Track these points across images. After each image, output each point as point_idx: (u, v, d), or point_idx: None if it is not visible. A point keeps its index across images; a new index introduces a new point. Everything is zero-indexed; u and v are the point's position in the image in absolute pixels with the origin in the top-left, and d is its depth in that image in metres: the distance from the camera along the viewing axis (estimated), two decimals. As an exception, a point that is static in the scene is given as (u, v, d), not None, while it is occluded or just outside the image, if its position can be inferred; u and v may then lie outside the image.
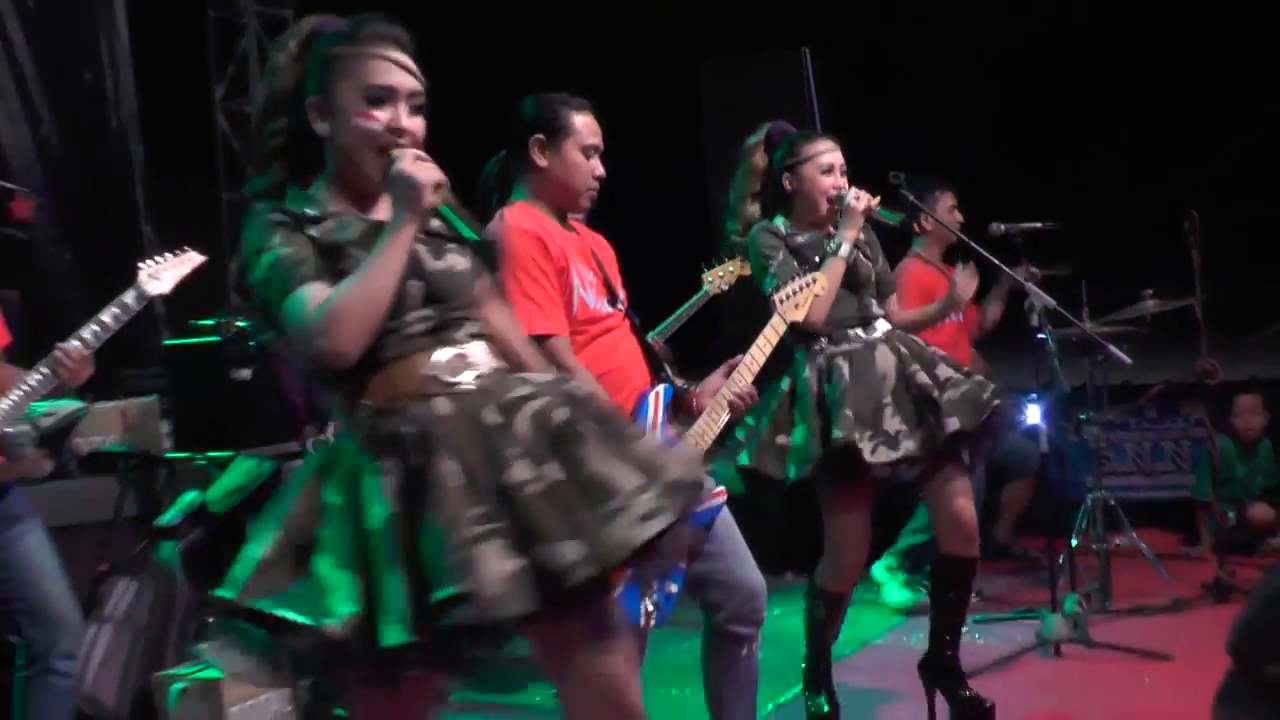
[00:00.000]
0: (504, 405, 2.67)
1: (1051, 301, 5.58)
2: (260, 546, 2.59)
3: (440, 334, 2.77)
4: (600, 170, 3.91)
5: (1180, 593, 6.39)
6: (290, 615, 2.48)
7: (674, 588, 3.72)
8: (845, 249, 4.60)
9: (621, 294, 3.97)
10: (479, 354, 2.80)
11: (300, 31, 2.89)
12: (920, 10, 8.51)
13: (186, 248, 4.63)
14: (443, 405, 2.67)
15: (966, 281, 5.41)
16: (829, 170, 4.67)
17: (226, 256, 9.32)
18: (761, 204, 4.76)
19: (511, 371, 2.85)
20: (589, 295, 3.82)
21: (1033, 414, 6.66)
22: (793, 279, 4.30)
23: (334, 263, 2.71)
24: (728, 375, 3.98)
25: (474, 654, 2.59)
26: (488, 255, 2.88)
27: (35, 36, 7.49)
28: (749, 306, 4.95)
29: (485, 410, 2.66)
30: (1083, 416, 6.55)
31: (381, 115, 2.76)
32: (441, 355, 2.74)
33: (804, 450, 4.50)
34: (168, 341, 6.68)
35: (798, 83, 7.22)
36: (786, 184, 4.71)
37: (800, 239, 4.68)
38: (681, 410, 3.94)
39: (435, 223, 2.84)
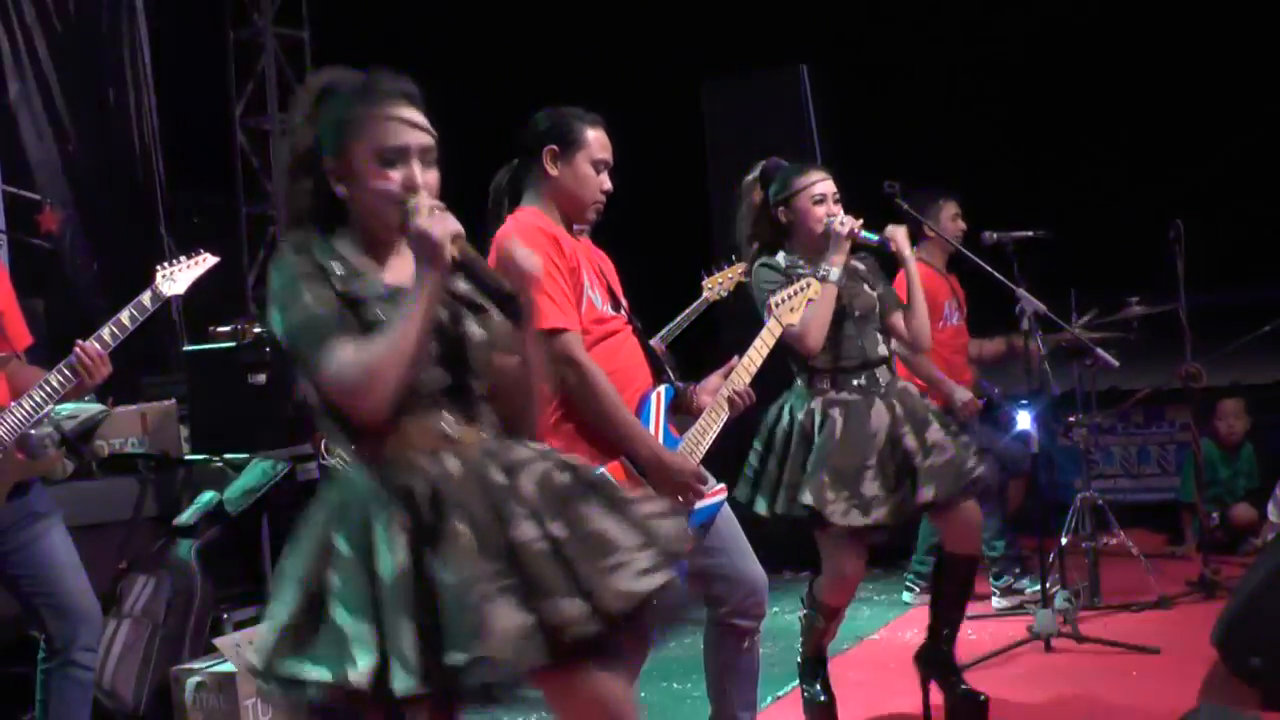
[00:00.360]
0: (507, 465, 2.67)
1: (1041, 306, 5.56)
2: (285, 609, 2.59)
3: (452, 394, 2.73)
4: (608, 185, 3.88)
5: (1166, 590, 6.33)
6: (317, 674, 2.49)
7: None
8: (835, 273, 4.55)
9: (624, 304, 3.95)
10: (486, 418, 2.79)
11: (313, 88, 2.84)
12: (911, 26, 8.48)
13: (201, 250, 4.58)
14: (452, 463, 2.65)
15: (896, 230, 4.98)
16: (821, 200, 4.64)
17: (245, 267, 9.34)
18: (760, 240, 4.74)
19: (512, 436, 2.82)
20: (596, 296, 3.79)
21: (1023, 419, 6.65)
22: (788, 285, 4.26)
23: (360, 316, 2.66)
24: (726, 376, 3.96)
25: (484, 700, 2.56)
26: (513, 308, 2.74)
27: (62, 57, 7.51)
28: (747, 313, 4.93)
29: (491, 469, 2.65)
30: (1071, 419, 6.50)
31: (396, 175, 2.69)
32: (451, 415, 2.72)
33: (781, 496, 4.53)
34: (187, 348, 6.67)
35: (796, 100, 7.20)
36: (782, 217, 4.69)
37: (801, 269, 4.62)
38: (681, 409, 3.91)
39: (461, 284, 2.78)
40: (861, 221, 4.64)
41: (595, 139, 3.86)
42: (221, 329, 6.17)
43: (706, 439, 3.85)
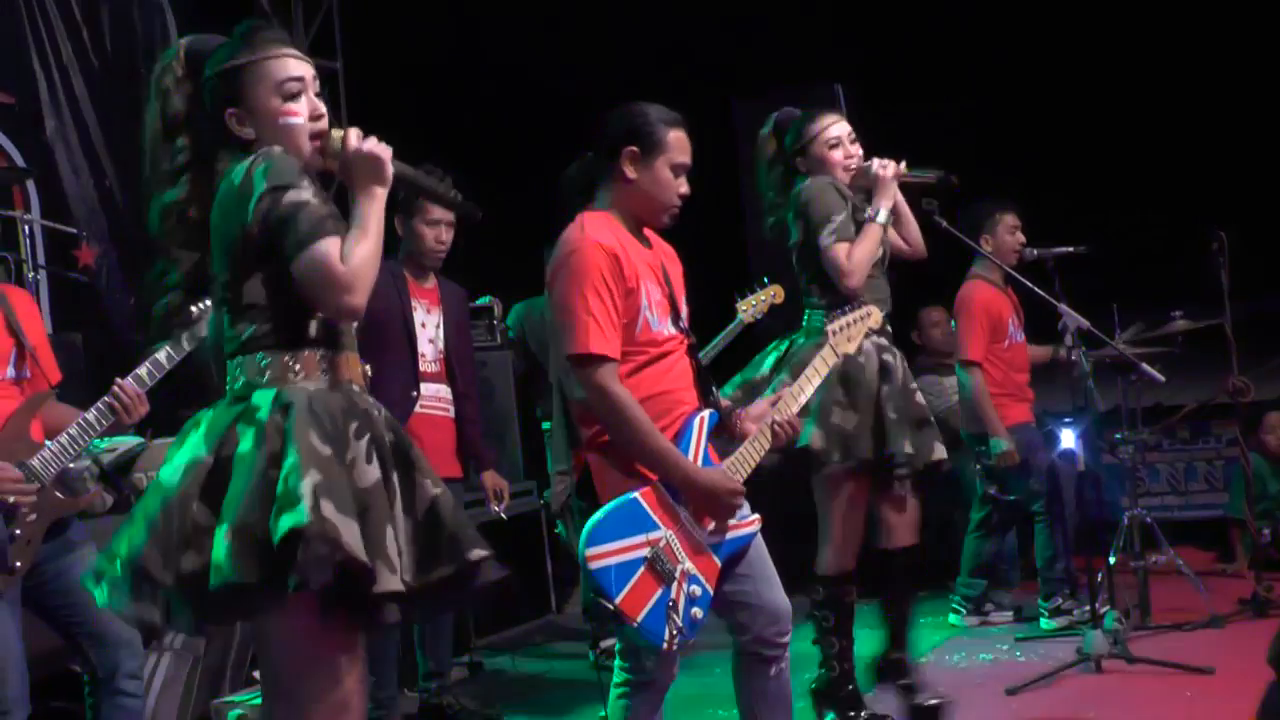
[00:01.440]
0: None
1: (1085, 323, 5.54)
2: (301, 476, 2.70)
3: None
4: (686, 189, 3.79)
5: (1218, 608, 6.26)
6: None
7: (699, 612, 3.63)
8: (883, 215, 4.71)
9: (684, 310, 3.88)
10: None
11: (181, 53, 2.98)
12: (948, 41, 8.43)
13: None
14: (371, 399, 2.95)
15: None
16: (835, 144, 4.76)
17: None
18: (778, 193, 4.81)
19: None
20: (653, 316, 3.71)
21: (1067, 437, 6.60)
22: (846, 313, 4.21)
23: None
24: (774, 404, 3.92)
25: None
26: (464, 207, 3.15)
27: (99, 94, 7.52)
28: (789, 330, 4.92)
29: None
30: (1118, 436, 6.42)
31: (299, 108, 2.91)
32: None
33: (856, 440, 4.60)
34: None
35: None
36: (800, 167, 4.78)
37: (855, 202, 4.76)
38: (724, 432, 3.87)
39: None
40: (905, 162, 4.76)
41: (676, 141, 3.75)
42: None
43: (746, 468, 3.79)
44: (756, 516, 3.83)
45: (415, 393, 5.34)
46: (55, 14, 7.34)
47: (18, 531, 4.02)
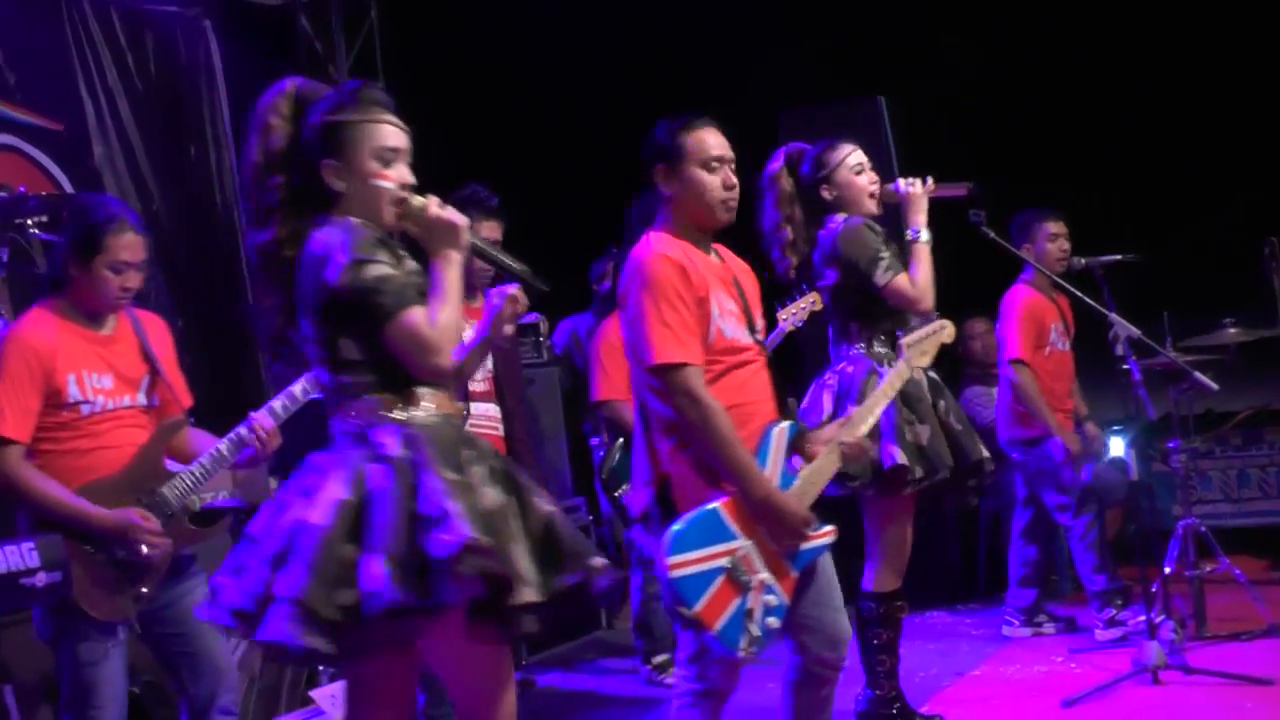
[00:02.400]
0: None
1: (1136, 331, 5.52)
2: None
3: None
4: (731, 179, 3.80)
5: (1275, 618, 6.18)
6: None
7: (775, 622, 3.69)
8: (924, 233, 4.77)
9: (760, 324, 3.93)
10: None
11: (287, 94, 3.14)
12: (991, 53, 8.39)
13: None
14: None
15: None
16: (860, 169, 4.82)
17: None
18: (793, 224, 4.79)
19: None
20: (727, 325, 3.76)
21: (1116, 445, 6.57)
22: (920, 327, 4.33)
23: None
24: (843, 425, 4.01)
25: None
26: (530, 280, 3.31)
27: (143, 115, 7.59)
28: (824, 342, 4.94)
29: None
30: (1171, 446, 6.38)
31: (392, 174, 3.11)
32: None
33: (936, 453, 4.64)
34: (278, 396, 6.67)
35: (875, 131, 7.16)
36: (825, 194, 4.81)
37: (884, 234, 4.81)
38: (795, 452, 3.91)
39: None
40: (931, 178, 4.83)
41: (696, 141, 3.79)
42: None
43: (819, 484, 3.87)
44: (831, 528, 3.86)
45: (465, 413, 5.35)
46: (100, 39, 7.41)
47: (149, 559, 4.04)
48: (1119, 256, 6.22)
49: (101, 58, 7.43)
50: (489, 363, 5.49)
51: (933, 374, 4.78)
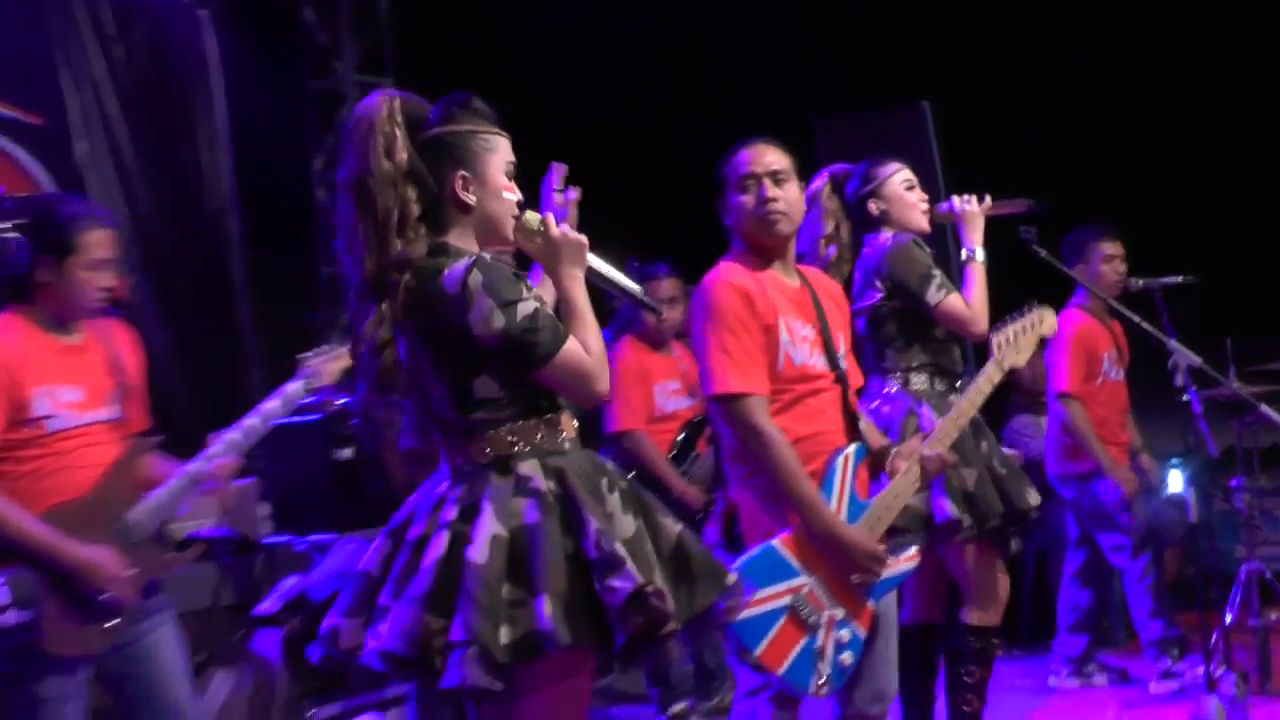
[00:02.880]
0: None
1: (1197, 360, 5.33)
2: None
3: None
4: (765, 191, 3.83)
5: (1345, 672, 5.91)
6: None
7: (849, 657, 3.70)
8: (980, 252, 4.65)
9: (844, 348, 3.95)
10: None
11: (392, 104, 3.06)
12: (1044, 59, 8.25)
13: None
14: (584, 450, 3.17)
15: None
16: (911, 185, 4.75)
17: (327, 332, 9.13)
18: (839, 241, 4.68)
19: None
20: (798, 351, 3.80)
21: (1175, 480, 6.38)
22: (1013, 320, 4.29)
23: None
24: (926, 439, 4.02)
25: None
26: (644, 303, 3.38)
27: (132, 113, 7.38)
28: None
29: None
30: (1233, 484, 6.12)
31: (514, 188, 3.14)
32: None
33: (985, 499, 4.46)
34: (268, 421, 6.47)
35: (919, 139, 6.97)
36: (873, 209, 4.71)
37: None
38: (875, 472, 3.94)
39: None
40: (989, 195, 4.76)
41: (731, 166, 3.89)
42: (304, 401, 5.99)
43: (896, 505, 3.85)
44: (914, 550, 3.89)
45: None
46: (87, 29, 7.18)
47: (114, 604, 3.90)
48: (1180, 278, 6.03)
49: (87, 48, 7.19)
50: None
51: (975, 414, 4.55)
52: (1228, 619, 5.95)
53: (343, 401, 5.79)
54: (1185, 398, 5.37)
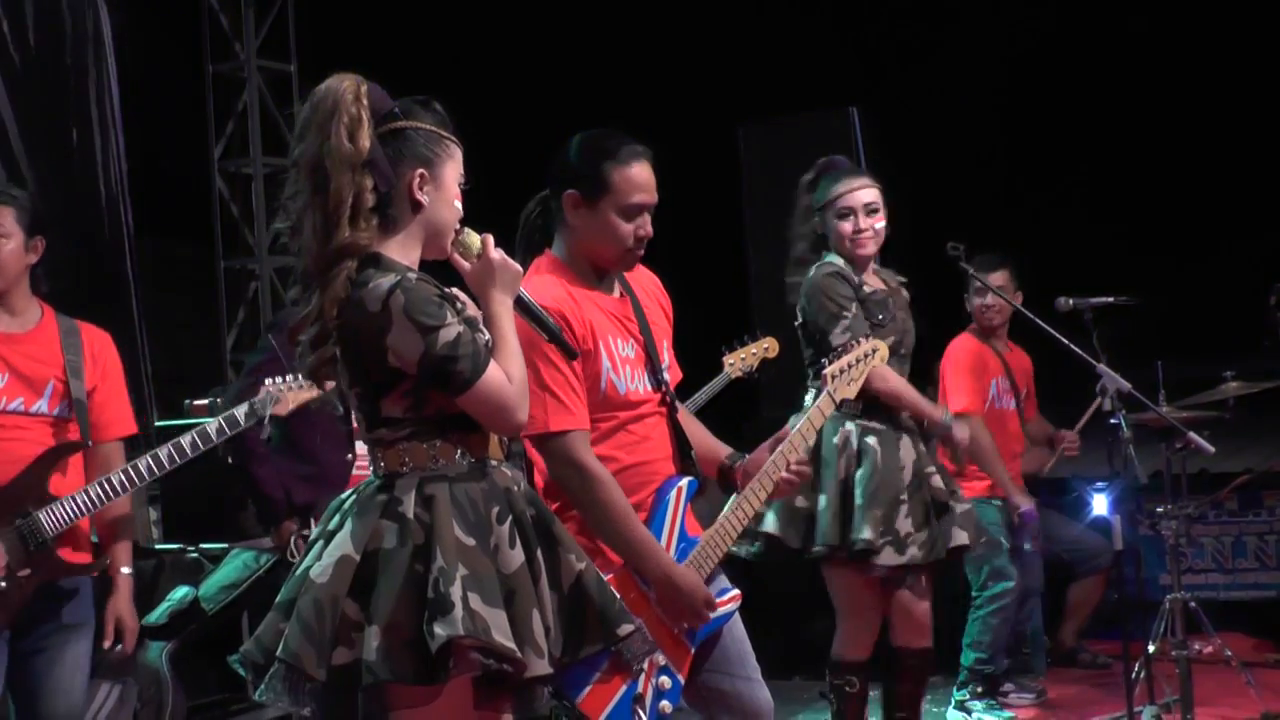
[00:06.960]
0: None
1: (1126, 385, 5.49)
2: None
3: None
4: (646, 230, 3.74)
5: (1270, 705, 6.19)
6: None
7: (668, 706, 3.66)
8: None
9: (666, 361, 3.88)
10: None
11: (361, 93, 3.14)
12: (975, 66, 8.43)
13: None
14: (511, 472, 3.28)
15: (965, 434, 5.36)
16: (846, 214, 4.79)
17: (225, 327, 9.25)
18: (806, 245, 4.91)
19: None
20: (620, 377, 3.72)
21: (1099, 504, 6.55)
22: (848, 352, 4.23)
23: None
24: (772, 450, 3.91)
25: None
26: (561, 342, 3.50)
27: (20, 94, 7.42)
28: (790, 387, 4.94)
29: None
30: (1160, 510, 6.38)
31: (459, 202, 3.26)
32: None
33: (823, 528, 4.68)
34: (158, 423, 6.60)
35: (846, 145, 7.08)
36: (817, 228, 4.87)
37: (866, 290, 4.81)
38: (729, 486, 3.94)
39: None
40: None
41: (625, 181, 3.69)
42: (198, 403, 6.13)
43: (731, 534, 3.84)
44: (735, 593, 3.85)
45: (351, 455, 5.36)
46: (-29, 4, 7.25)
47: (2, 585, 4.06)
48: (1110, 299, 6.19)
49: (-29, 25, 7.25)
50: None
51: (875, 440, 4.80)
52: (1150, 649, 6.19)
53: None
54: (1113, 422, 5.52)
